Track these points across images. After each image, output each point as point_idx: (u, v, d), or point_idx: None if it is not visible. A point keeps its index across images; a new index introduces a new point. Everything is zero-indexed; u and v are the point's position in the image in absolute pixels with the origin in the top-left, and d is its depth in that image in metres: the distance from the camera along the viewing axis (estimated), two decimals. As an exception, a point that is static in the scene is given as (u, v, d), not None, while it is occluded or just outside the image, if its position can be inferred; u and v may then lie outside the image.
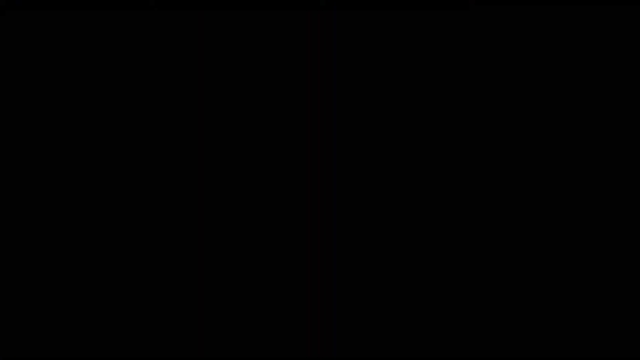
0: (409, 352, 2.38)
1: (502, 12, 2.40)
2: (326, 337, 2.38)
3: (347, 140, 2.41)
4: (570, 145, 2.39)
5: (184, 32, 2.44)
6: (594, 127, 2.39)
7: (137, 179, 2.43)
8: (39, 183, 2.44)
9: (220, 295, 2.41)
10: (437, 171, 2.40)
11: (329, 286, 2.39)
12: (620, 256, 2.36)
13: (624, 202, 2.37)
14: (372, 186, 2.41)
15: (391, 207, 2.40)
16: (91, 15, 2.45)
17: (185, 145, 2.43)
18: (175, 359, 2.40)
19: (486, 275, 2.38)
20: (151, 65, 2.44)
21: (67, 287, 2.42)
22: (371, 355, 2.38)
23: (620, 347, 2.35)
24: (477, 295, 2.37)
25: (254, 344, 2.40)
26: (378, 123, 2.41)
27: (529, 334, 2.36)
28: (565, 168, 2.38)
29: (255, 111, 2.44)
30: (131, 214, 2.43)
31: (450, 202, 2.40)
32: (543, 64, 2.40)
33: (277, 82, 2.43)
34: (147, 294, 2.41)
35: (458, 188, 2.40)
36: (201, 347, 2.40)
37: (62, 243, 2.42)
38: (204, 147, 2.43)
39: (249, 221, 2.42)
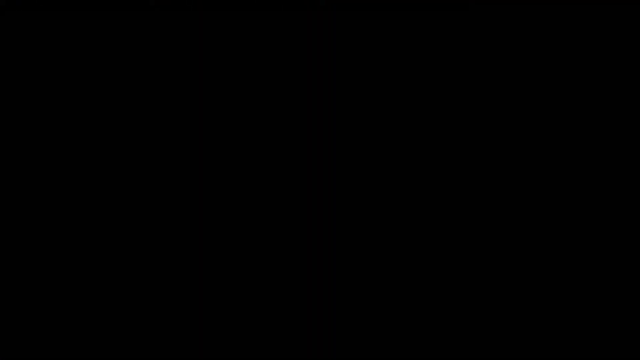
0: (409, 352, 2.38)
1: (502, 12, 2.40)
2: (326, 337, 2.38)
3: (347, 140, 2.41)
4: (570, 145, 2.39)
5: (184, 32, 2.44)
6: (594, 127, 2.39)
7: (137, 179, 2.43)
8: (39, 183, 2.44)
9: (220, 295, 2.41)
10: (437, 171, 2.40)
11: (329, 286, 2.39)
12: (620, 256, 2.36)
13: (624, 202, 2.37)
14: (372, 186, 2.41)
15: (391, 207, 2.40)
16: (91, 15, 2.45)
17: (185, 145, 2.43)
18: (175, 359, 2.40)
19: (486, 275, 2.38)
20: (151, 65, 2.45)
21: (67, 287, 2.42)
22: (371, 355, 2.38)
23: (620, 347, 2.35)
24: (477, 295, 2.38)
25: (254, 344, 2.40)
26: (378, 123, 2.42)
27: (529, 334, 2.36)
28: (565, 168, 2.39)
29: (256, 111, 2.44)
30: (131, 214, 2.43)
31: (450, 202, 2.40)
32: (543, 64, 2.40)
33: (277, 82, 2.43)
34: (147, 294, 2.41)
35: (458, 188, 2.40)
36: (201, 347, 2.40)
37: (62, 243, 2.42)
38: (204, 147, 2.43)
39: (249, 221, 2.42)
